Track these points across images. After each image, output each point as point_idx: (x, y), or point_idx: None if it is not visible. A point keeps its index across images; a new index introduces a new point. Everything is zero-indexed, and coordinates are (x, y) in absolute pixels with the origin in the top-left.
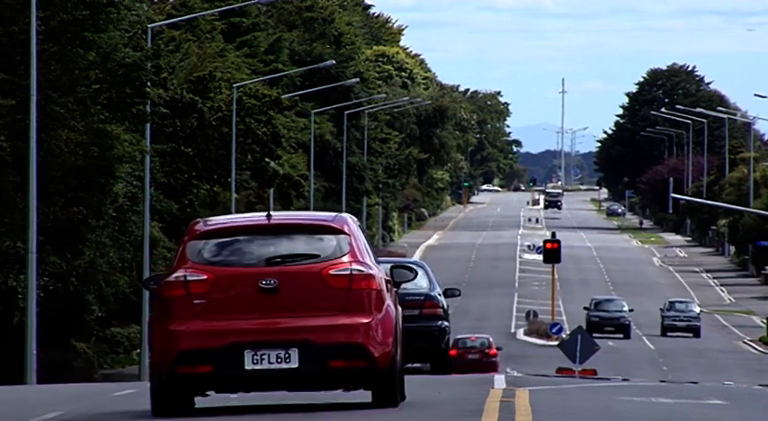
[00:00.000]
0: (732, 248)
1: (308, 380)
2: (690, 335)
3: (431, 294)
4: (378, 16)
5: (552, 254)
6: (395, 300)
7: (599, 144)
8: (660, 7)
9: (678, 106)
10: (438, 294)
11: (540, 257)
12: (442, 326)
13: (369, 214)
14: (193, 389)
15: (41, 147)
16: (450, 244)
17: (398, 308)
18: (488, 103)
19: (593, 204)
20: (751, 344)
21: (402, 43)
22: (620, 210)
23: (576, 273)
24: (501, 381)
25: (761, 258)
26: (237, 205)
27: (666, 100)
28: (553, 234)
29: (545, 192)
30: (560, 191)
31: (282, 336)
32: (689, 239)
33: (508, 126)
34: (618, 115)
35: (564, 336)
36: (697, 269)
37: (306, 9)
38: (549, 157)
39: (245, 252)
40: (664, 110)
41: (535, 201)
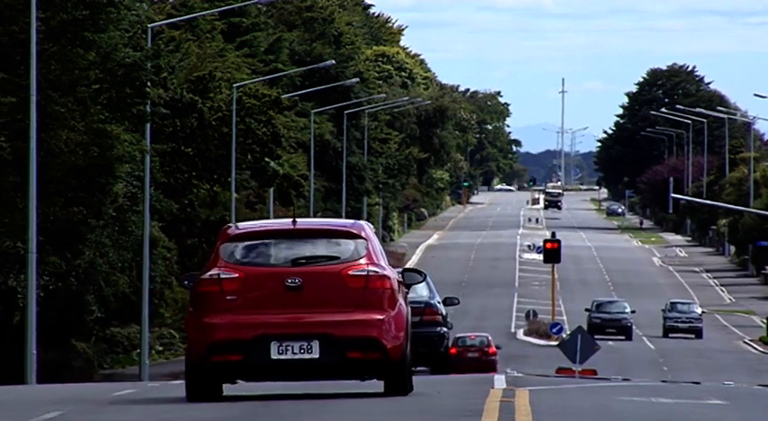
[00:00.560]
0: (732, 248)
1: (327, 369)
2: (692, 336)
3: (431, 302)
4: (378, 16)
5: (552, 253)
6: (406, 299)
7: (599, 144)
8: (660, 7)
9: (678, 106)
10: (438, 302)
11: (540, 257)
12: (441, 332)
13: (369, 214)
14: (224, 376)
15: (41, 147)
16: (450, 244)
17: (408, 306)
18: (488, 103)
19: (593, 204)
20: (751, 343)
21: (402, 43)
22: (620, 210)
23: (576, 273)
24: (501, 381)
25: (761, 258)
26: (237, 205)
27: (666, 100)
28: (553, 234)
29: (545, 192)
30: (560, 191)
31: (305, 330)
32: (689, 239)
33: (508, 126)
34: (618, 115)
35: (564, 336)
36: (697, 269)
37: (306, 9)
38: (549, 157)
39: (272, 253)
40: (664, 110)
41: (535, 201)
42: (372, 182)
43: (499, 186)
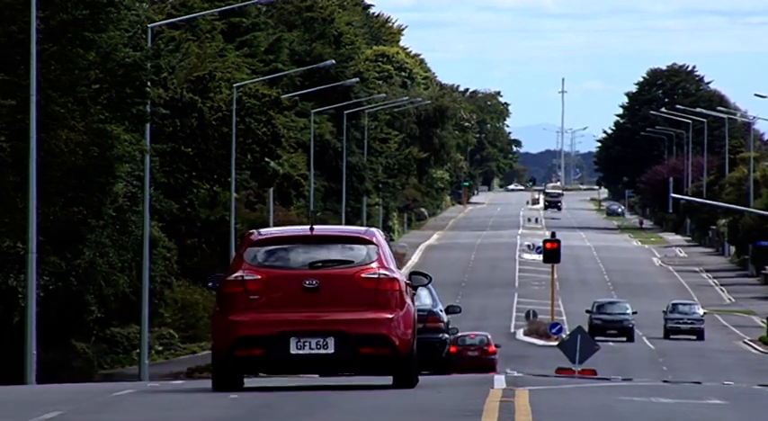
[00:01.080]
0: (732, 248)
1: (341, 363)
2: (693, 337)
3: (434, 310)
4: (378, 16)
5: (552, 254)
6: (413, 300)
7: (599, 144)
8: (660, 7)
9: (678, 106)
10: (440, 310)
11: (540, 257)
12: (442, 339)
13: (369, 214)
14: (247, 369)
15: (41, 147)
16: (450, 244)
17: (415, 306)
18: (488, 103)
19: (592, 204)
20: (751, 344)
21: (402, 43)
22: (619, 210)
23: (576, 273)
24: (501, 381)
25: (761, 258)
26: (237, 205)
27: (666, 100)
28: (553, 234)
29: (545, 193)
30: (560, 191)
31: (321, 327)
32: (689, 239)
33: (508, 126)
34: (618, 115)
35: (564, 336)
36: (697, 269)
37: (306, 9)
38: (549, 157)
39: (291, 257)
40: (664, 110)
41: (535, 201)
42: (372, 182)
43: (512, 186)
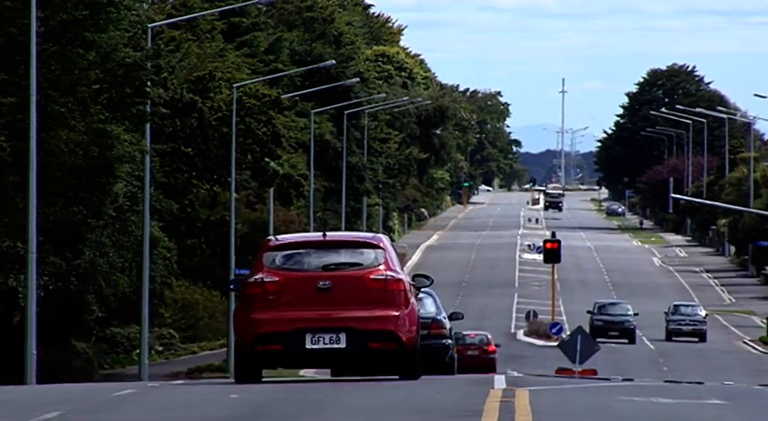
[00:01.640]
0: (732, 248)
1: (352, 357)
2: (696, 339)
3: (437, 317)
4: (378, 16)
5: (552, 254)
6: (417, 299)
7: (599, 144)
8: (660, 7)
9: (678, 106)
10: (444, 317)
11: (540, 257)
12: (446, 344)
13: (369, 214)
14: (266, 363)
15: (41, 147)
16: (451, 244)
17: (418, 305)
18: (488, 103)
19: (593, 204)
20: (751, 344)
21: (402, 43)
22: (620, 210)
23: (576, 273)
24: (501, 381)
25: (761, 258)
26: (237, 205)
27: (666, 100)
28: (553, 234)
29: (545, 193)
30: (561, 191)
31: (334, 324)
32: (689, 239)
33: (508, 126)
34: (618, 115)
35: (564, 337)
36: (697, 269)
37: (306, 9)
38: (549, 157)
39: (306, 261)
40: (664, 110)
41: (535, 201)
42: (372, 182)
43: (528, 185)
